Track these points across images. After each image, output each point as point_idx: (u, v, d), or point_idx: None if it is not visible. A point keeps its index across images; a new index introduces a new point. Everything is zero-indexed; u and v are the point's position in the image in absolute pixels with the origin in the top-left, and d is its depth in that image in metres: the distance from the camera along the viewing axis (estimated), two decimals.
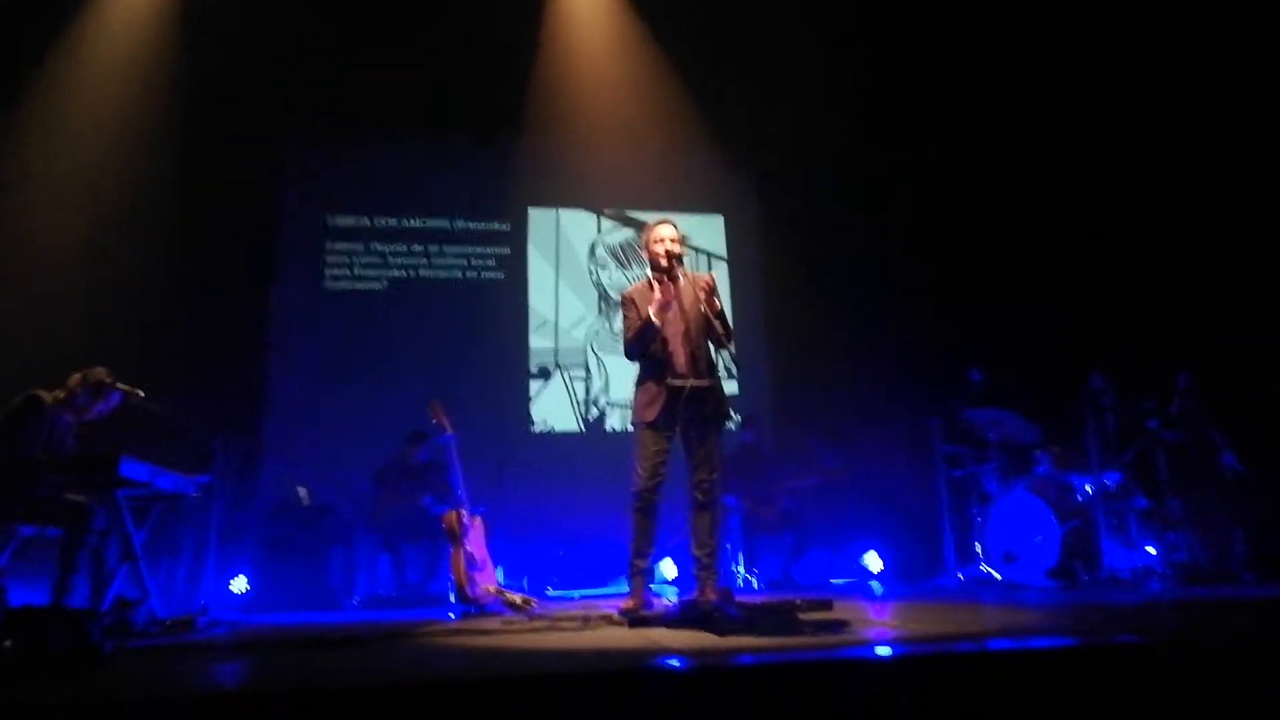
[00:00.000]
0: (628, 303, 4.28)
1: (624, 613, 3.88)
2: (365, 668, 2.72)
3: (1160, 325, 6.74)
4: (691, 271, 4.40)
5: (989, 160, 7.60)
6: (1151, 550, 5.57)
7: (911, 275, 7.72)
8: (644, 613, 3.87)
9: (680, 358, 4.11)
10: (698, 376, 4.08)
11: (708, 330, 4.11)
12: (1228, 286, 6.53)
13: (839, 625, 3.29)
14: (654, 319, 4.08)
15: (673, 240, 4.23)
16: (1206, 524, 5.66)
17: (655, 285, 4.25)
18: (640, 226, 8.05)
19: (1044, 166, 7.43)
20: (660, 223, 4.34)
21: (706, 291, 4.14)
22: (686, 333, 4.12)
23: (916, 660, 2.52)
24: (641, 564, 4.14)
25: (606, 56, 7.86)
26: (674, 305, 4.13)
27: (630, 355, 4.32)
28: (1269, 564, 5.43)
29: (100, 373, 4.41)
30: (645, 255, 4.37)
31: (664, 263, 4.21)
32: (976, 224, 7.60)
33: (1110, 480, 5.63)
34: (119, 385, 4.42)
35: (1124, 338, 6.64)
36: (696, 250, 8.07)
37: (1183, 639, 2.66)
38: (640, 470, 4.09)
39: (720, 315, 4.15)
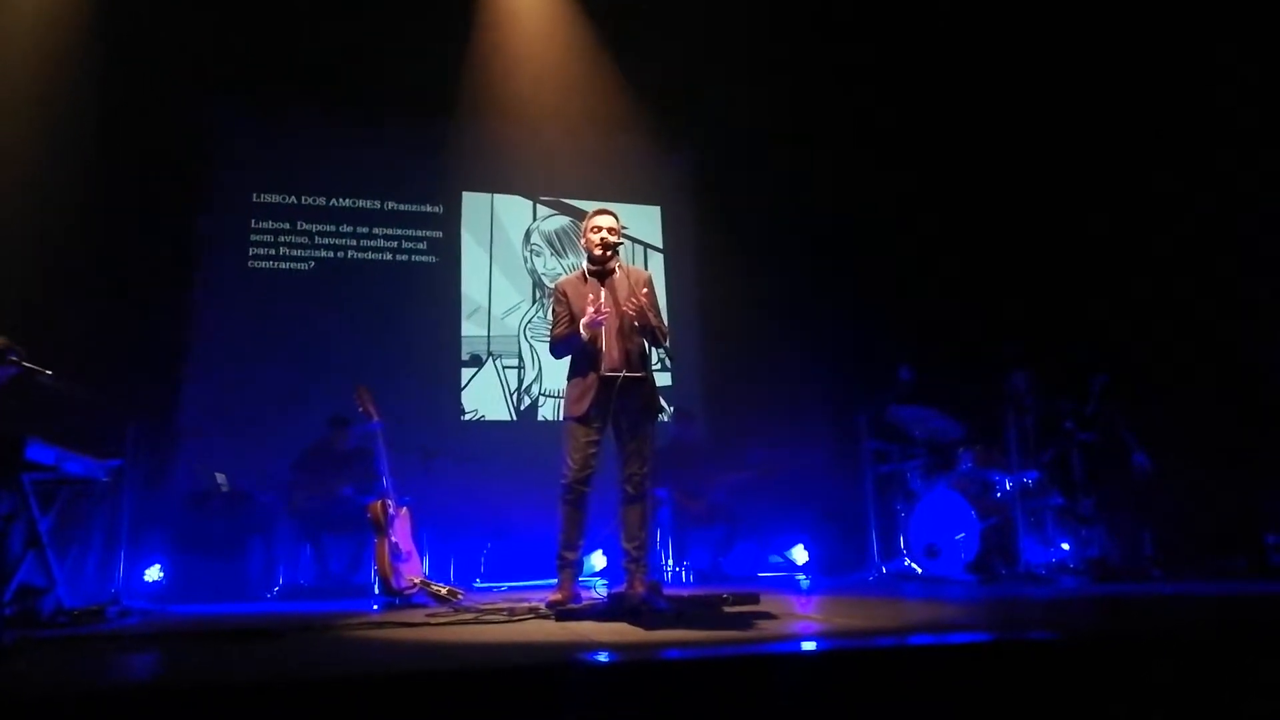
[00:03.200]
0: (559, 296, 4.24)
1: (551, 605, 3.86)
2: (280, 661, 2.64)
3: (1081, 326, 6.97)
4: (629, 265, 4.37)
5: (921, 158, 7.74)
6: (1066, 547, 5.76)
7: (845, 272, 7.83)
8: (571, 605, 3.85)
9: (614, 352, 4.08)
10: (630, 370, 4.06)
11: (642, 325, 4.09)
12: (1147, 289, 6.78)
13: (765, 619, 3.32)
14: (583, 332, 4.04)
15: (610, 230, 4.19)
16: (1118, 522, 5.87)
17: (589, 277, 4.22)
18: (577, 214, 8.00)
19: (974, 166, 7.59)
20: (599, 211, 4.29)
21: (643, 288, 4.11)
22: (620, 328, 4.09)
23: (840, 654, 2.55)
24: (570, 556, 4.12)
25: (544, 42, 7.76)
26: (608, 300, 4.10)
27: (554, 354, 4.29)
28: (1176, 562, 5.66)
29: None
30: (582, 243, 4.33)
31: (599, 252, 4.17)
32: (908, 222, 7.73)
33: (1029, 478, 5.79)
34: (26, 364, 4.21)
35: (1046, 338, 6.83)
36: (633, 241, 8.04)
37: (1091, 636, 2.75)
38: (570, 462, 4.06)
39: (656, 312, 4.13)
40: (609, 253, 4.17)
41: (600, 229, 4.19)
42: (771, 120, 7.77)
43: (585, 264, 4.27)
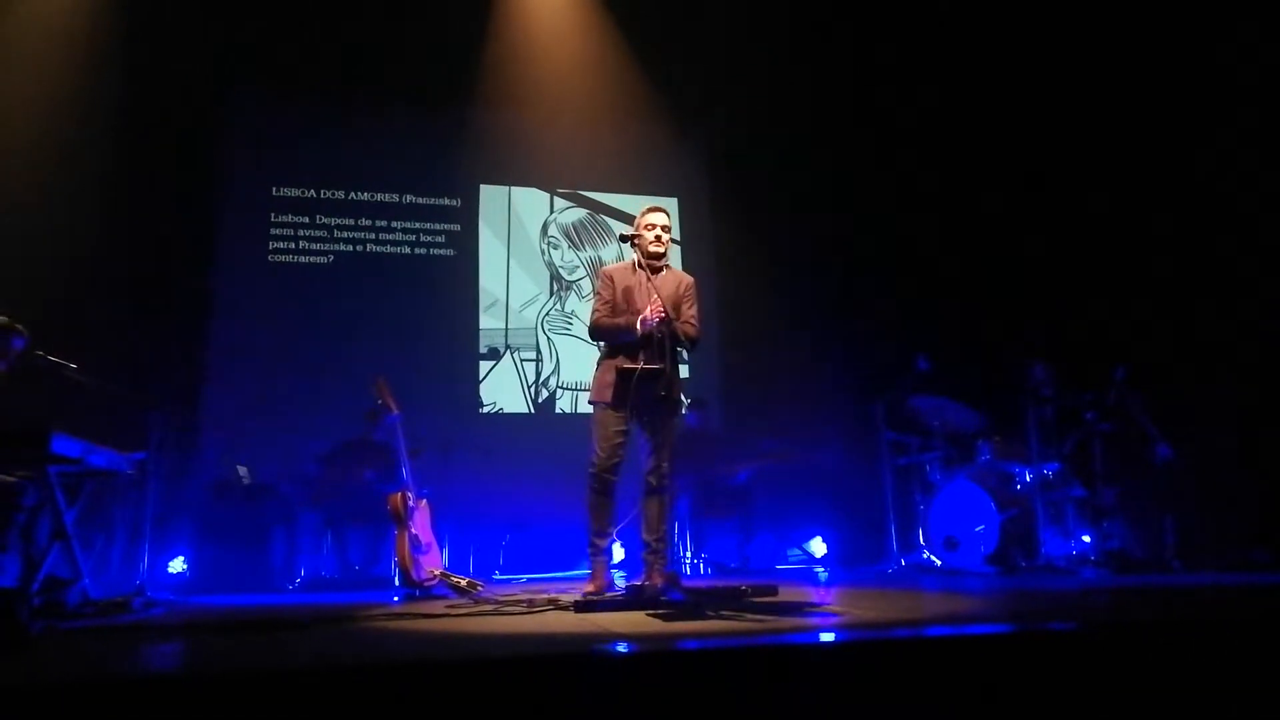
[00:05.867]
0: (605, 280, 4.27)
1: (587, 596, 3.86)
2: (304, 651, 2.67)
3: (1101, 316, 6.90)
4: (676, 268, 4.48)
5: (939, 149, 7.70)
6: (1086, 538, 5.72)
7: (862, 262, 7.80)
8: (605, 594, 3.87)
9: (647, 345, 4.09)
10: (657, 363, 4.06)
11: (671, 333, 4.09)
12: (1168, 280, 6.70)
13: (783, 610, 3.33)
14: (638, 329, 4.03)
15: (664, 228, 4.25)
16: (1139, 513, 5.82)
17: (636, 269, 4.22)
18: (595, 207, 8.03)
19: (993, 156, 7.53)
20: (654, 209, 4.33)
21: (688, 292, 4.24)
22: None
23: (858, 646, 2.55)
24: (601, 544, 4.16)
25: (561, 34, 7.77)
26: (654, 296, 4.08)
27: (594, 338, 4.33)
28: (1197, 553, 5.60)
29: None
30: (634, 239, 4.27)
31: (656, 249, 4.23)
32: (927, 212, 7.70)
33: (1049, 470, 5.75)
34: (38, 352, 4.27)
35: (1067, 328, 6.78)
36: None
37: (1113, 626, 2.73)
38: (598, 450, 4.10)
39: (696, 316, 4.24)
40: (664, 251, 4.25)
41: (654, 226, 4.24)
42: (789, 112, 7.75)
43: (637, 255, 4.27)
